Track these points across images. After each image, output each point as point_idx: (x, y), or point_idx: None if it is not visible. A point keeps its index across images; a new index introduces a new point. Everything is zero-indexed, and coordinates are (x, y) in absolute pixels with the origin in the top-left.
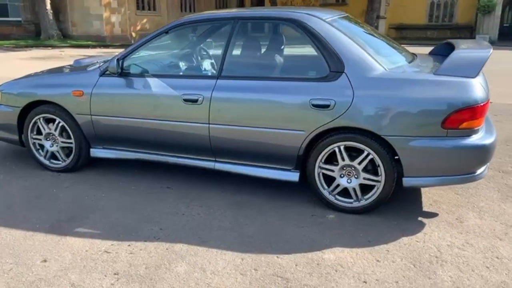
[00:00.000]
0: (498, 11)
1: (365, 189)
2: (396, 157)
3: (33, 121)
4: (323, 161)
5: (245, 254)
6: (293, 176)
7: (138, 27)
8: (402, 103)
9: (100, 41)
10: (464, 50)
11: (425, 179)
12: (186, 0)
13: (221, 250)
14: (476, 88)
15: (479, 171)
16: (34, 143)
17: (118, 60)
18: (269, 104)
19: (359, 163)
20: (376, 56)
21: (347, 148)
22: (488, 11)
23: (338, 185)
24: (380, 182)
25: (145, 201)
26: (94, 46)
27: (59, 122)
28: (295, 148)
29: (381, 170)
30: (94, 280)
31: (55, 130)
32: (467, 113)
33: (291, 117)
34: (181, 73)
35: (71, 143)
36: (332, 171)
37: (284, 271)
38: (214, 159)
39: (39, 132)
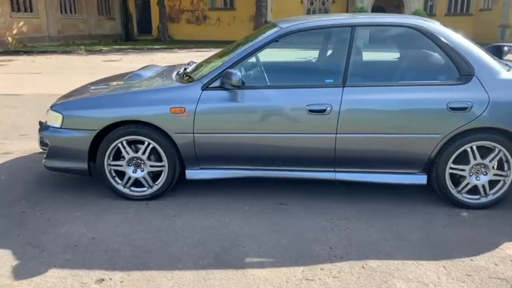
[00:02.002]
0: None
1: (491, 184)
2: None
3: (113, 145)
4: (452, 161)
5: (441, 261)
6: (421, 179)
7: (15, 31)
8: None
9: None
10: None
11: None
12: (66, 1)
13: (416, 261)
14: None
15: None
16: (110, 171)
17: (231, 72)
18: (403, 110)
19: (490, 161)
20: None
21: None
22: None
23: (468, 184)
24: (508, 177)
25: (280, 221)
26: None
27: (148, 144)
28: (428, 152)
29: (510, 165)
30: None
31: (143, 153)
32: None
33: (426, 121)
34: (301, 83)
35: (161, 166)
36: (463, 170)
37: (496, 272)
38: (333, 169)
39: (116, 157)
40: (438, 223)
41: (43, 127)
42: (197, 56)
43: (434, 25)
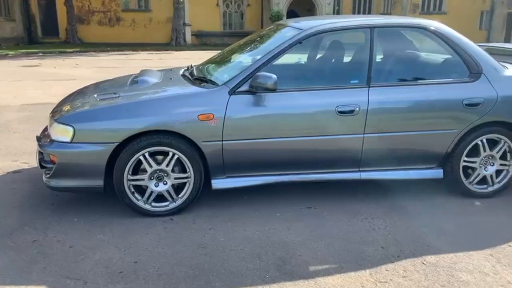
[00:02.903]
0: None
1: (497, 174)
2: None
3: (134, 158)
4: (465, 155)
5: (486, 250)
6: (438, 174)
7: None
8: None
9: None
10: None
11: None
12: None
13: (465, 252)
14: None
15: None
16: (129, 187)
17: (265, 75)
18: (424, 108)
19: (497, 152)
20: None
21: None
22: (279, 19)
23: (478, 175)
24: (511, 166)
25: (319, 225)
26: None
27: (173, 155)
28: (445, 147)
29: None
30: None
31: (167, 165)
32: None
33: (445, 118)
34: (328, 84)
35: (186, 177)
36: (475, 162)
37: None
38: (358, 169)
39: (135, 172)
40: (461, 214)
41: (44, 143)
42: (121, 59)
43: (444, 26)
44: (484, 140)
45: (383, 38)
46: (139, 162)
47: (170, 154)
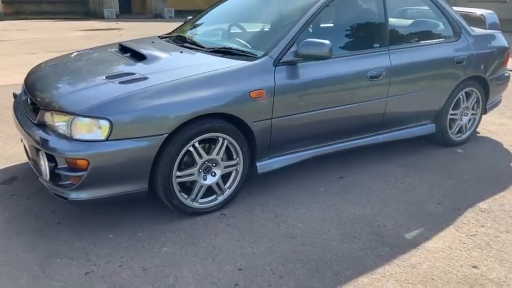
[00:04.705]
0: None
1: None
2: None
3: (184, 150)
4: (451, 108)
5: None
6: (431, 129)
7: None
8: (491, 51)
9: None
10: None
11: None
12: None
13: (499, 193)
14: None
15: None
16: (177, 184)
17: (317, 42)
18: (431, 67)
19: (470, 103)
20: None
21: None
22: None
23: (457, 125)
24: (477, 114)
25: (368, 192)
26: None
27: (223, 141)
28: (441, 102)
29: (479, 104)
30: None
31: (217, 153)
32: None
33: (444, 75)
34: (357, 50)
35: (234, 165)
36: (456, 114)
37: None
38: (376, 133)
39: (179, 167)
40: (463, 160)
41: (55, 144)
42: None
43: None
44: (464, 94)
45: (392, 1)
46: (184, 155)
47: (220, 140)
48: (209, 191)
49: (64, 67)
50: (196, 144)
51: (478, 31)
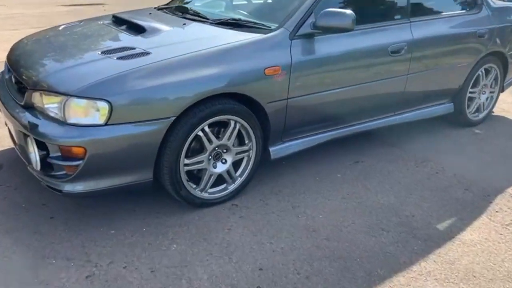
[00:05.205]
0: None
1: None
2: None
3: (193, 134)
4: (470, 86)
5: None
6: (449, 108)
7: None
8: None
9: None
10: None
11: None
12: None
13: None
14: None
15: None
16: (184, 173)
17: (338, 12)
18: (452, 41)
19: (489, 80)
20: None
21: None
22: None
23: (476, 103)
24: (495, 92)
25: (388, 177)
26: None
27: (235, 124)
28: (461, 80)
29: (498, 81)
30: None
31: (229, 138)
32: None
33: (465, 50)
34: (378, 21)
35: (246, 151)
36: (474, 92)
37: None
38: (393, 113)
39: (187, 154)
40: (480, 141)
41: (47, 130)
42: None
43: None
44: (483, 71)
45: None
46: (192, 141)
47: (232, 123)
48: (219, 179)
49: (52, 41)
50: (206, 128)
51: (498, 3)
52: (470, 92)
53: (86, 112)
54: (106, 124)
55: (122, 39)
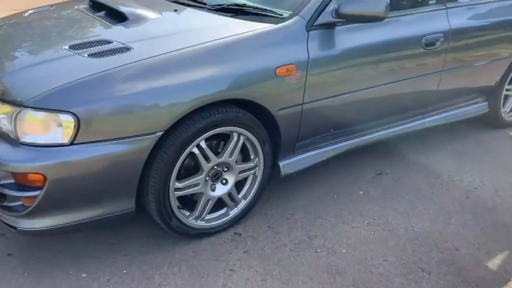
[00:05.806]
0: None
1: None
2: None
3: (186, 151)
4: (507, 83)
5: None
6: (484, 108)
7: None
8: None
9: None
10: None
11: None
12: None
13: None
14: None
15: None
16: (175, 199)
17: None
18: (494, 30)
19: None
20: None
21: None
22: None
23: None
24: None
25: (425, 198)
26: None
27: (239, 137)
28: (497, 76)
29: None
30: None
31: (231, 154)
32: None
33: (505, 42)
34: (410, 8)
35: (252, 168)
36: (510, 90)
37: None
38: (422, 116)
39: (179, 176)
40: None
41: None
42: None
43: None
44: None
45: None
46: (184, 159)
47: (235, 136)
48: (218, 203)
49: (10, 32)
50: (202, 144)
51: None
52: (506, 90)
53: (45, 128)
54: (71, 143)
55: (97, 30)
